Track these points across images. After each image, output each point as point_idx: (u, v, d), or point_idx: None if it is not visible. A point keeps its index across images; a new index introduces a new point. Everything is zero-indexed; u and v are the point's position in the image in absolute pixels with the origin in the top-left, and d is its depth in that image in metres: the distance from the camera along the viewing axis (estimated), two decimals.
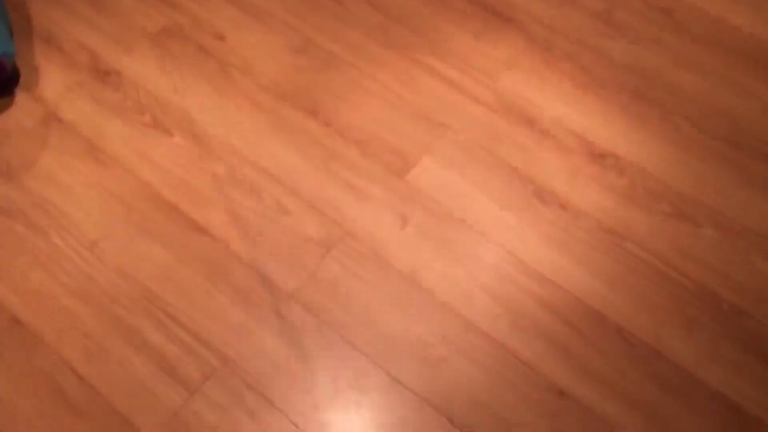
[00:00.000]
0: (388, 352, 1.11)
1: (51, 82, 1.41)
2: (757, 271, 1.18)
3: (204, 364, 1.11)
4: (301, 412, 1.07)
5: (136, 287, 1.17)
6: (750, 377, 1.09)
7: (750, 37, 1.47)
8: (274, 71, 1.42)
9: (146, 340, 1.12)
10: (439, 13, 1.50)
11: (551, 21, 1.49)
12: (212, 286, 1.17)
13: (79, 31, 1.48)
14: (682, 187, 1.27)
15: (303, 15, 1.50)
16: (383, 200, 1.26)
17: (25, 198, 1.26)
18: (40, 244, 1.21)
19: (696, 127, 1.34)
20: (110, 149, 1.32)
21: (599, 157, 1.31)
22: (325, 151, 1.32)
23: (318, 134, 1.34)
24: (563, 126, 1.35)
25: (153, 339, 1.13)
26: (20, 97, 1.39)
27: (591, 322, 1.14)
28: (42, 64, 1.44)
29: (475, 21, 1.49)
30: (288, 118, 1.36)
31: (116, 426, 1.05)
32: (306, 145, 1.33)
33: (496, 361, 1.10)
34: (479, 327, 1.13)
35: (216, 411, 1.07)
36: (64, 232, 1.23)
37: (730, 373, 1.09)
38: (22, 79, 1.41)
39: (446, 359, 1.11)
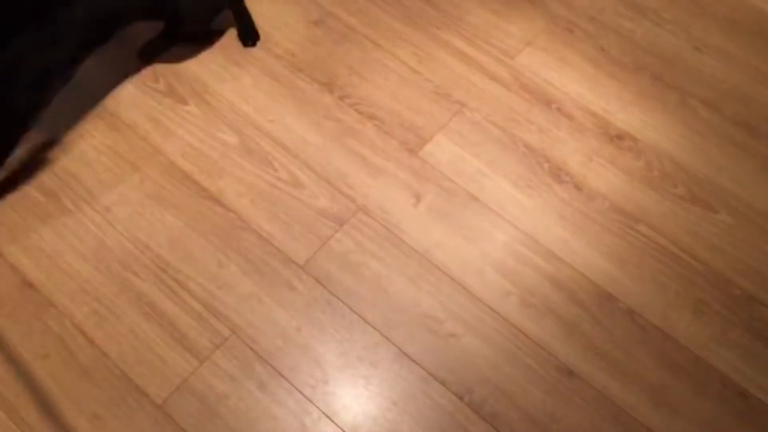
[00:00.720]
0: (398, 326, 1.12)
1: None
2: None
3: (214, 333, 1.11)
4: (310, 384, 1.07)
5: (147, 254, 1.17)
6: (759, 364, 1.09)
7: None
8: (291, 42, 1.41)
9: (157, 307, 1.13)
10: None
11: (572, 0, 1.47)
12: (223, 256, 1.17)
13: None
14: (698, 171, 1.27)
15: None
16: (397, 176, 1.26)
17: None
18: (53, 209, 1.21)
19: (714, 112, 1.33)
20: (124, 115, 1.31)
21: (616, 138, 1.30)
22: (340, 125, 1.31)
23: (333, 108, 1.33)
24: (580, 106, 1.33)
25: (163, 306, 1.13)
26: None
27: (601, 303, 1.13)
28: None
29: None
30: (304, 90, 1.35)
31: (125, 391, 1.06)
32: (321, 118, 1.32)
33: (505, 339, 1.11)
34: (490, 304, 1.13)
35: (225, 380, 1.07)
36: (77, 197, 1.22)
37: (738, 358, 1.09)
38: None
39: (456, 335, 1.11)
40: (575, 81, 1.36)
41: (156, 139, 1.29)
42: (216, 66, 1.37)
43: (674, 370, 1.08)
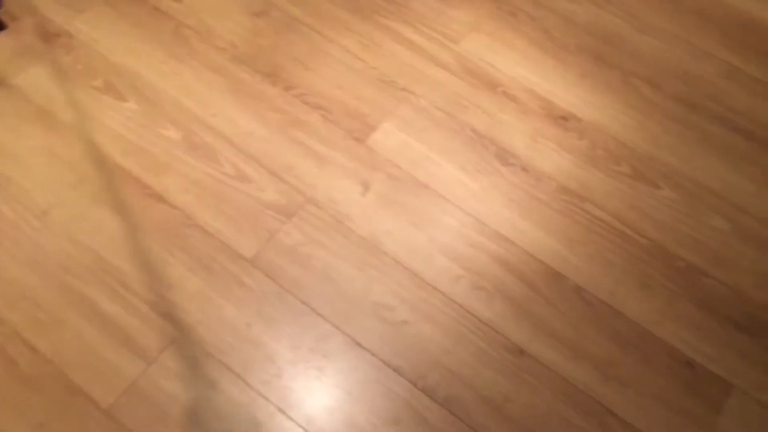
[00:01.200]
0: (349, 316, 1.11)
1: None
2: (713, 230, 1.20)
3: (161, 333, 1.08)
4: (263, 379, 1.06)
5: (89, 256, 1.14)
6: (703, 334, 1.11)
7: (713, 1, 1.47)
8: (232, 34, 1.38)
9: (101, 311, 1.10)
10: None
11: None
12: (169, 254, 1.15)
13: None
14: (641, 149, 1.28)
15: None
16: (345, 166, 1.25)
17: None
18: None
19: (656, 90, 1.35)
20: (61, 115, 1.27)
21: (561, 119, 1.31)
22: (285, 116, 1.29)
23: (278, 99, 1.31)
24: (525, 89, 1.34)
25: (108, 309, 1.10)
26: None
27: (550, 282, 1.14)
28: None
29: None
30: (247, 83, 1.33)
31: (71, 397, 1.03)
32: (266, 110, 1.30)
33: (456, 322, 1.11)
34: (440, 289, 1.13)
35: (175, 381, 1.05)
36: (13, 200, 1.18)
37: (684, 330, 1.11)
38: None
39: (407, 322, 1.10)
40: (519, 64, 1.37)
41: (95, 137, 1.25)
42: (156, 61, 1.34)
43: (622, 345, 1.09)
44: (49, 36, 1.36)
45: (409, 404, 1.04)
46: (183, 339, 1.08)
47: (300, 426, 1.02)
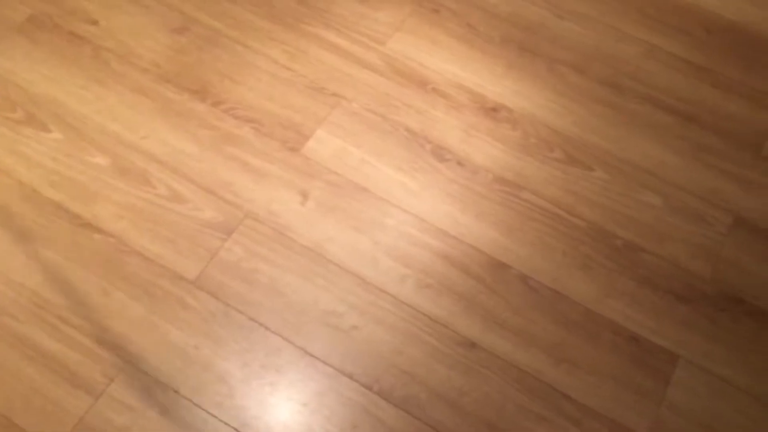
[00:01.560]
0: (298, 327, 1.10)
1: None
2: (646, 206, 1.24)
3: (107, 365, 1.05)
4: (216, 401, 1.04)
5: (24, 294, 1.10)
6: (645, 308, 1.14)
7: None
8: (154, 53, 1.35)
9: (41, 349, 1.06)
10: None
11: None
12: (108, 284, 1.12)
13: None
14: (571, 133, 1.31)
15: None
16: (281, 177, 1.23)
17: None
18: None
19: (581, 75, 1.38)
20: None
21: (491, 111, 1.32)
22: (216, 132, 1.27)
23: (208, 115, 1.29)
24: (454, 84, 1.35)
25: (48, 346, 1.06)
26: None
27: (495, 272, 1.16)
28: None
29: None
30: (174, 101, 1.30)
31: None
32: (196, 127, 1.28)
33: (406, 323, 1.11)
34: (387, 291, 1.13)
35: (124, 413, 1.02)
36: None
37: (627, 306, 1.14)
38: None
39: (357, 327, 1.10)
40: (447, 60, 1.38)
41: (20, 172, 1.21)
42: (76, 87, 1.30)
43: (569, 327, 1.12)
44: None
45: (366, 409, 1.04)
46: (130, 369, 1.05)
47: None
